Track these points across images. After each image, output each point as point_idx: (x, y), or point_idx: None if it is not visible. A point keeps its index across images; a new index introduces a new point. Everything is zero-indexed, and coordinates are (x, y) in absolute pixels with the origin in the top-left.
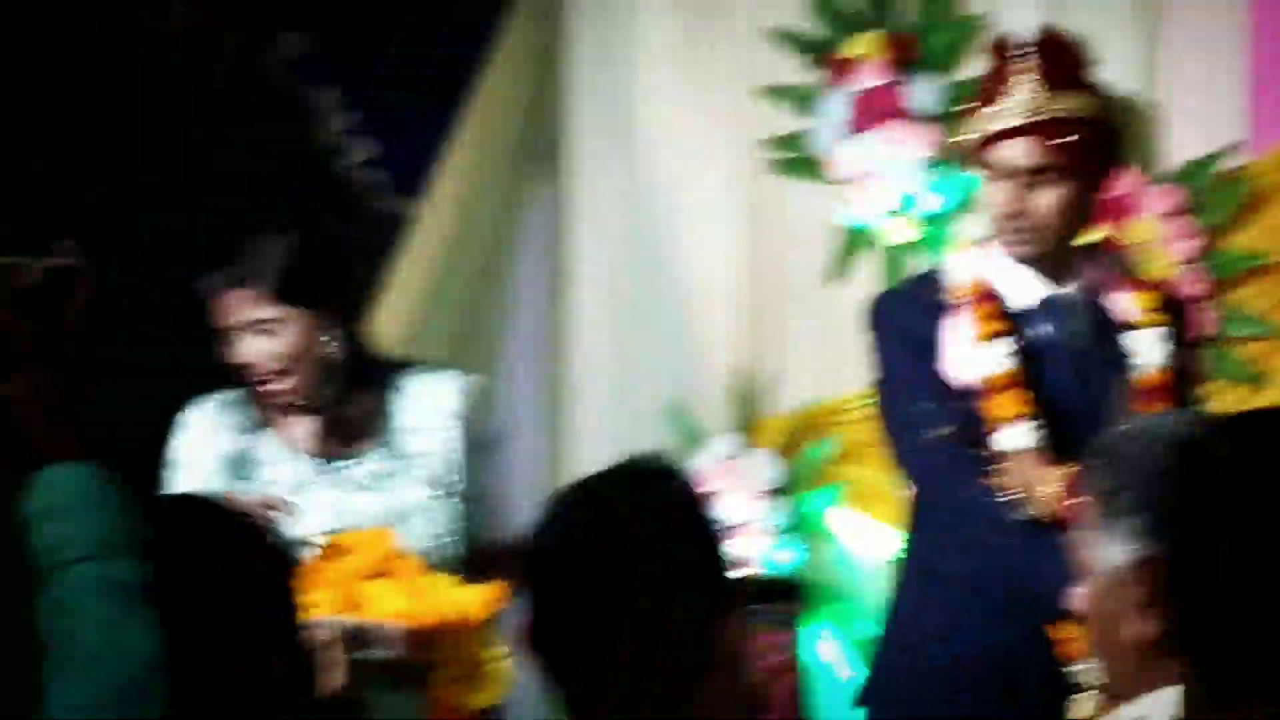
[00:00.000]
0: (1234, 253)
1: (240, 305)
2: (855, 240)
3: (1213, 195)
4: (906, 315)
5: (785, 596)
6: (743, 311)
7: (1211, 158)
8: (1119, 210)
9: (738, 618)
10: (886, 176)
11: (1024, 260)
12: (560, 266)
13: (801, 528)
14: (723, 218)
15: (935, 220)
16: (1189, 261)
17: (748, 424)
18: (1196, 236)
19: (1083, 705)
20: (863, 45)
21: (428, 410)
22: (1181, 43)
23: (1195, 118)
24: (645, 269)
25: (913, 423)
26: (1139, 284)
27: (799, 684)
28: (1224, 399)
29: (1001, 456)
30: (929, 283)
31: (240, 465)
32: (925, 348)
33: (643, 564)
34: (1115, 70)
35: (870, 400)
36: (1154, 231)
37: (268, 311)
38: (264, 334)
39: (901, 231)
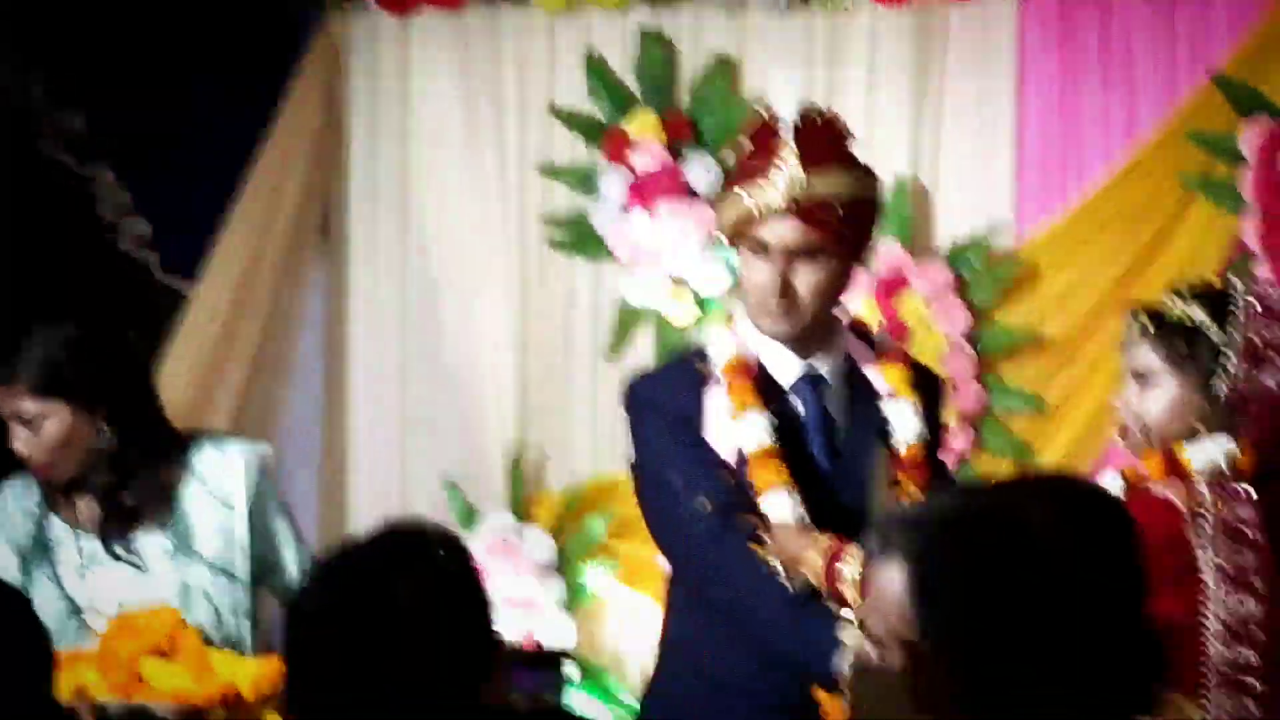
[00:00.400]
0: (1001, 329)
1: (6, 399)
2: (632, 317)
3: (980, 273)
4: (666, 392)
5: (547, 667)
6: (520, 388)
7: (980, 237)
8: (889, 287)
9: (500, 686)
10: (663, 255)
11: (783, 336)
12: (337, 344)
13: (574, 603)
14: (501, 294)
15: (711, 299)
16: (957, 338)
17: (522, 500)
18: (965, 313)
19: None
20: (640, 125)
21: (214, 487)
22: (951, 125)
23: (963, 198)
24: (422, 346)
25: (676, 498)
26: (893, 358)
27: None
28: (994, 473)
29: (766, 527)
30: (689, 360)
31: (36, 547)
32: (686, 423)
33: (405, 629)
34: (886, 151)
35: (632, 479)
36: (922, 309)
37: (29, 406)
38: (28, 426)
39: (678, 310)
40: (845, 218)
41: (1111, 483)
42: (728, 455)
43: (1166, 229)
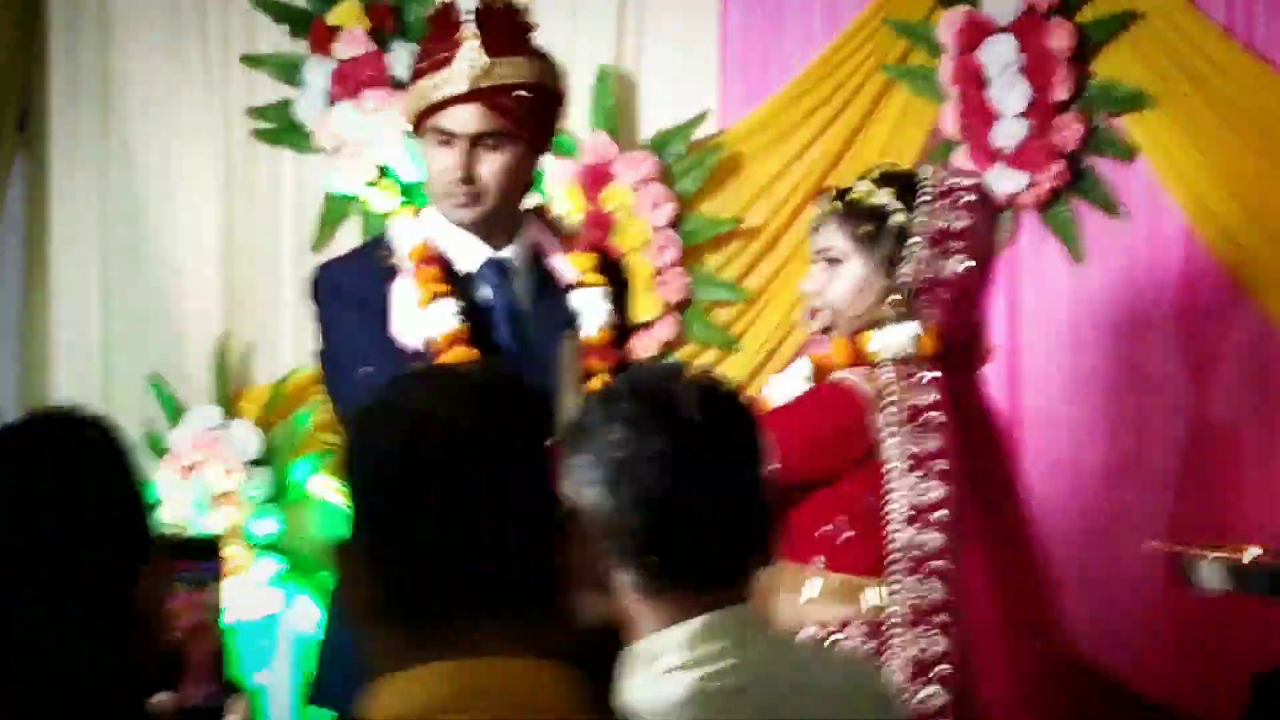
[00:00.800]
0: (706, 218)
1: None
2: (338, 208)
3: (685, 162)
4: (351, 281)
5: (206, 554)
6: (225, 281)
7: (682, 127)
8: (594, 176)
9: (157, 575)
10: (368, 145)
11: (468, 224)
12: (37, 240)
13: (283, 497)
14: (205, 187)
15: (415, 188)
16: (663, 227)
17: (229, 395)
18: (670, 203)
19: None
20: (344, 14)
21: None
22: (655, 14)
23: (668, 88)
24: (126, 241)
25: (359, 387)
26: (581, 246)
27: (219, 645)
28: (699, 361)
29: None
30: (374, 249)
31: None
32: (371, 312)
33: (49, 516)
34: (589, 40)
35: (320, 368)
36: (627, 198)
37: None
38: None
39: (382, 200)
40: (528, 104)
41: (801, 368)
42: (416, 343)
43: (867, 117)
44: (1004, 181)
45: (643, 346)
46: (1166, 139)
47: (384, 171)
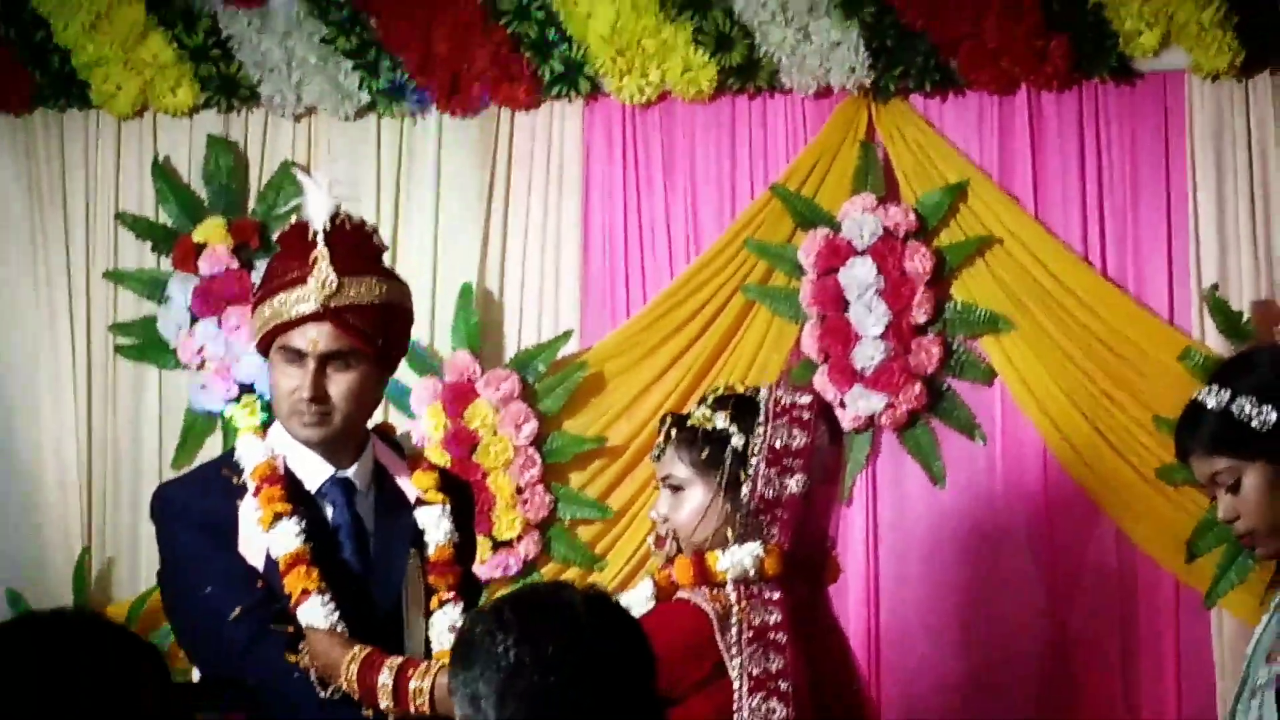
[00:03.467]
0: (568, 437)
1: None
2: (200, 425)
3: (547, 381)
4: (196, 499)
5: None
6: (86, 497)
7: (545, 345)
8: (457, 394)
9: None
10: (229, 362)
11: (315, 442)
12: None
13: None
14: (68, 402)
15: None
16: (526, 445)
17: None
18: (533, 421)
19: None
20: (207, 231)
21: None
22: (518, 234)
23: (531, 306)
24: None
25: (204, 609)
26: (423, 465)
27: None
28: (566, 579)
29: (300, 636)
30: (219, 468)
31: None
32: (215, 532)
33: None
34: (455, 258)
35: (161, 588)
36: (490, 416)
37: None
38: None
39: (244, 416)
40: (377, 322)
41: (644, 590)
42: (260, 563)
43: (729, 336)
44: (862, 402)
45: (504, 564)
46: (1021, 362)
47: (247, 388)
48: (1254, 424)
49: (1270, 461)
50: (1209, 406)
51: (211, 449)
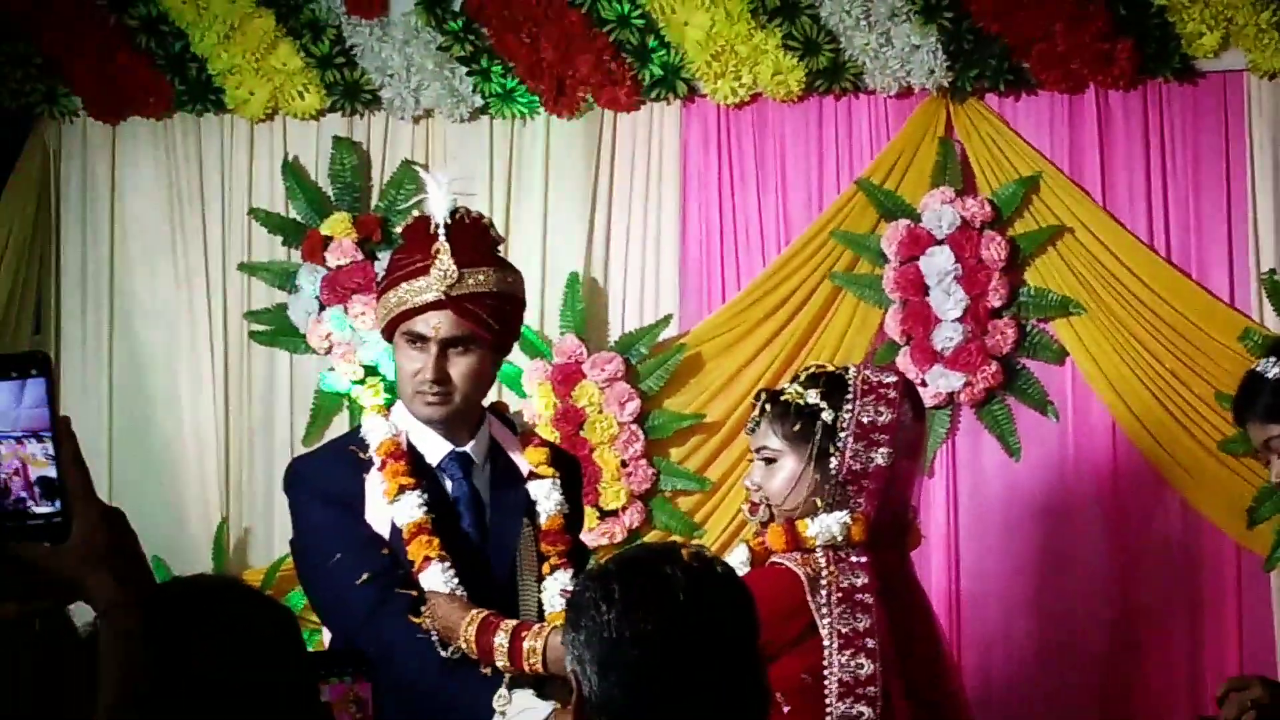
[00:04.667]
0: (669, 414)
1: None
2: (328, 404)
3: (648, 363)
4: (326, 474)
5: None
6: (223, 472)
7: (647, 329)
8: (565, 375)
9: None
10: (356, 346)
11: (435, 420)
12: None
13: None
14: (206, 384)
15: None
16: (629, 423)
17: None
18: (635, 400)
19: None
20: (334, 225)
21: None
22: (621, 225)
23: (633, 293)
24: (131, 434)
25: (333, 575)
26: (534, 442)
27: None
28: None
29: (423, 599)
30: (346, 444)
31: None
32: (343, 504)
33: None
34: (562, 249)
35: (294, 556)
36: (596, 396)
37: None
38: None
39: (369, 396)
40: (494, 310)
41: (739, 555)
42: (386, 532)
43: (817, 320)
44: (942, 381)
45: (610, 533)
46: (1091, 343)
47: (371, 370)
48: None
49: None
50: (1267, 376)
51: (339, 427)
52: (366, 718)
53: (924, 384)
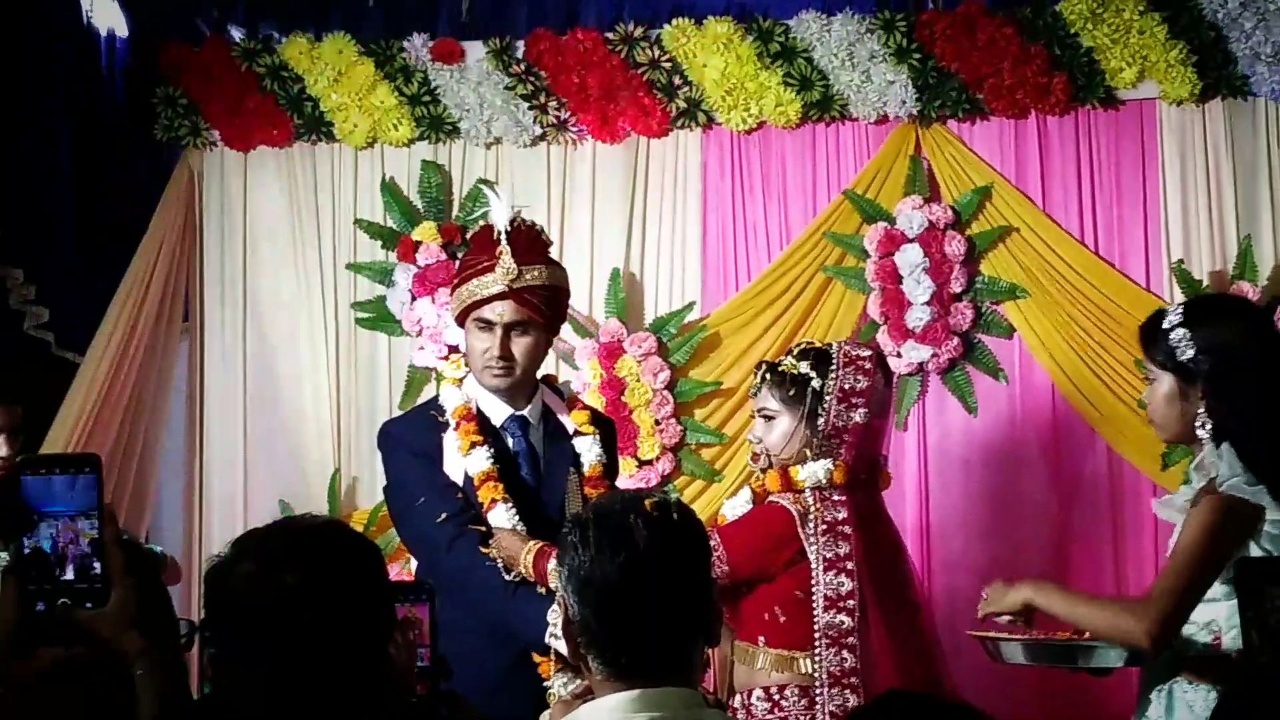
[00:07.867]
0: (693, 382)
1: None
2: (419, 378)
3: (676, 341)
4: (411, 433)
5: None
6: (336, 432)
7: (675, 313)
8: (609, 352)
9: (398, 643)
10: (440, 329)
11: (499, 389)
12: (196, 397)
13: None
14: (321, 361)
15: None
16: (660, 389)
17: (340, 515)
18: (665, 370)
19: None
20: (423, 232)
21: None
22: (654, 231)
23: (664, 285)
24: (262, 401)
25: (418, 515)
26: (577, 405)
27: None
28: (690, 489)
29: (490, 533)
30: (427, 409)
31: None
32: (426, 458)
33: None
34: (606, 250)
35: (386, 501)
36: (635, 367)
37: None
38: None
39: (451, 370)
40: (546, 299)
41: (744, 494)
42: (460, 480)
43: (813, 305)
44: (914, 353)
45: (647, 478)
46: (1034, 321)
47: (454, 349)
48: (1178, 350)
49: (1178, 379)
50: (1162, 325)
51: (428, 395)
52: (421, 634)
53: (899, 355)
